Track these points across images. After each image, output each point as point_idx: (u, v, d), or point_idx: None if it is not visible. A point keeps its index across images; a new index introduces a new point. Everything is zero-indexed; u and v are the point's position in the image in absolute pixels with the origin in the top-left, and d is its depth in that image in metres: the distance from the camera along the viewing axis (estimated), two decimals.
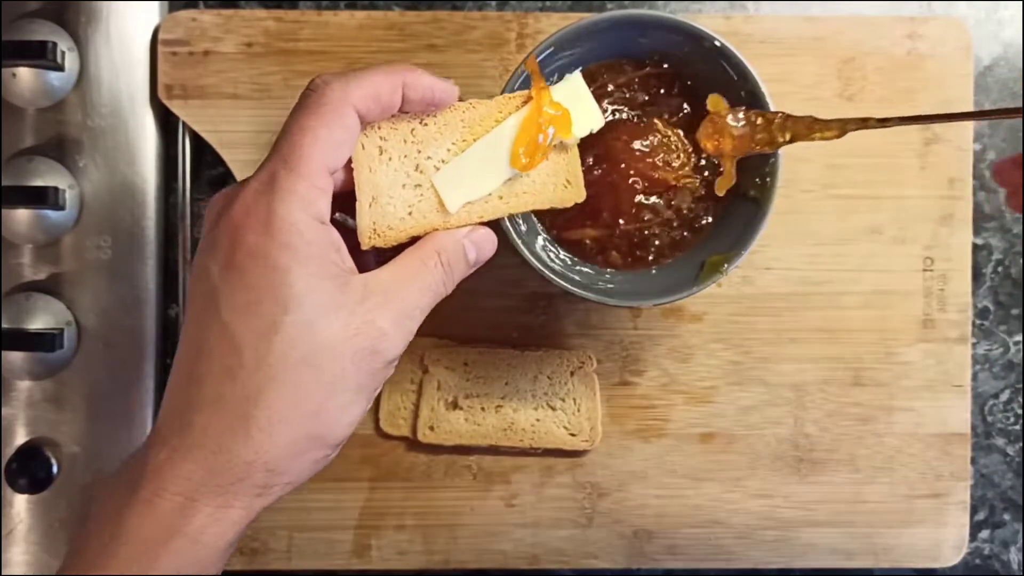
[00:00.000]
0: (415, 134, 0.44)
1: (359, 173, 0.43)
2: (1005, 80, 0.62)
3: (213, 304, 0.38)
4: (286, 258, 0.38)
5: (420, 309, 0.42)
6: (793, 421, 0.60)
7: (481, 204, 0.44)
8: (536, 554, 0.59)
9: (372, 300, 0.40)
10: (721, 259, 0.50)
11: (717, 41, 0.49)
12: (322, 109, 0.40)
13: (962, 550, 0.60)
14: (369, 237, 0.43)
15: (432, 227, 0.44)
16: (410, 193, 0.44)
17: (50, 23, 0.58)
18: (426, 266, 0.42)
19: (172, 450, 0.38)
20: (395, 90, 0.41)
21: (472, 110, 0.45)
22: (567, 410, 0.58)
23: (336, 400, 0.39)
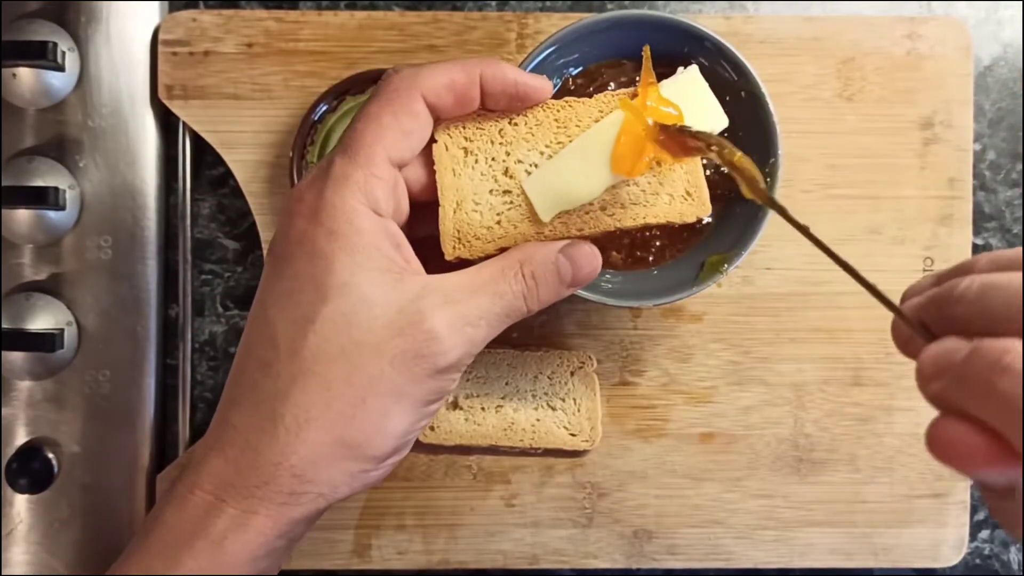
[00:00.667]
0: (503, 135, 0.40)
1: (442, 176, 0.40)
2: (1005, 80, 0.62)
3: (261, 293, 0.37)
4: (332, 246, 0.35)
5: (487, 320, 0.37)
6: (793, 421, 0.60)
7: (580, 215, 0.40)
8: (536, 554, 0.59)
9: (428, 300, 0.36)
10: (721, 259, 0.50)
11: (718, 41, 0.49)
12: (388, 96, 0.38)
13: (962, 550, 0.60)
14: (453, 246, 0.40)
15: (524, 238, 0.40)
16: (498, 200, 0.40)
17: (50, 23, 0.58)
18: (505, 274, 0.38)
19: (209, 446, 0.36)
20: (472, 82, 0.38)
21: (568, 108, 0.41)
22: (567, 410, 0.58)
23: (372, 405, 0.35)
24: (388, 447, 0.36)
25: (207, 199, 0.61)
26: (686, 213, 0.41)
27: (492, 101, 0.40)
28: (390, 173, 0.37)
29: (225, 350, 0.61)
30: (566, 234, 0.40)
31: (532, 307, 0.39)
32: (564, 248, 0.40)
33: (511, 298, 0.38)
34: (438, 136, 0.40)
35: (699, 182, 0.41)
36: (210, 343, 0.61)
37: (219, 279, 0.61)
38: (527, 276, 0.38)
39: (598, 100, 0.41)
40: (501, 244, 0.40)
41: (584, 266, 0.40)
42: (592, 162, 0.40)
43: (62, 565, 0.58)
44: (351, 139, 0.37)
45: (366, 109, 0.38)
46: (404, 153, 0.38)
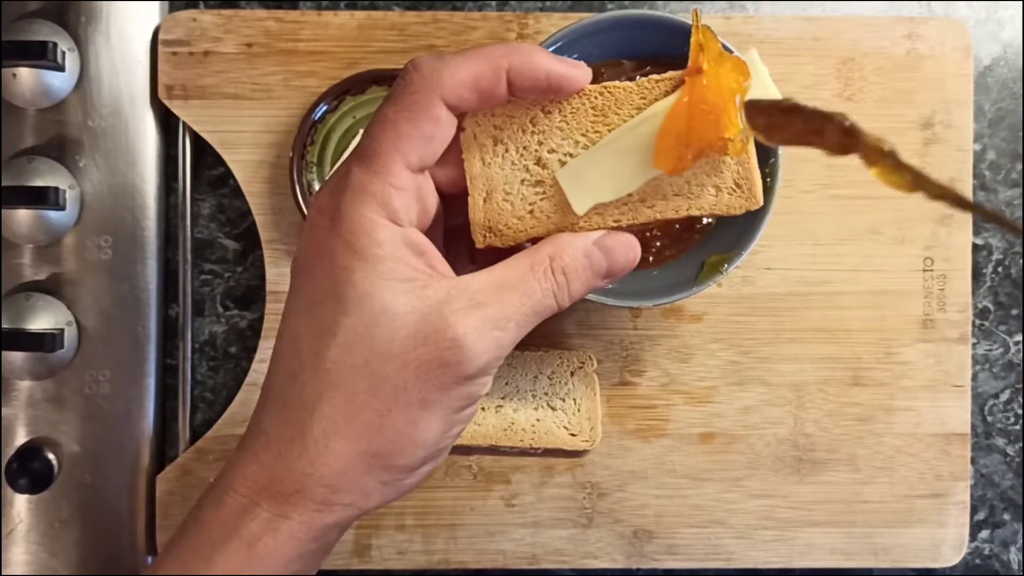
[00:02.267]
0: (535, 123, 0.38)
1: (470, 165, 0.39)
2: (1005, 80, 0.62)
3: (287, 304, 0.37)
4: (351, 258, 0.35)
5: (516, 321, 0.36)
6: (793, 421, 0.60)
7: (617, 207, 0.38)
8: (536, 554, 0.59)
9: (452, 305, 0.35)
10: (721, 259, 0.50)
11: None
12: (406, 99, 0.36)
13: (962, 550, 0.60)
14: (484, 235, 0.39)
15: (557, 229, 0.38)
16: (530, 190, 0.39)
17: (50, 23, 0.58)
18: (534, 271, 0.37)
19: (244, 450, 0.37)
20: (497, 77, 0.36)
21: (607, 95, 0.38)
22: (567, 410, 0.58)
23: (399, 416, 0.35)
24: (418, 456, 0.36)
25: (207, 199, 0.61)
26: (734, 206, 0.39)
27: (522, 94, 0.37)
28: (410, 180, 0.36)
29: (225, 350, 0.61)
30: (602, 225, 0.38)
31: (563, 303, 0.38)
32: (599, 239, 0.38)
33: (540, 296, 0.37)
34: (467, 125, 0.39)
35: (751, 173, 0.38)
36: (210, 343, 0.61)
37: (219, 279, 0.61)
38: (557, 272, 0.37)
39: (640, 86, 0.38)
40: (533, 234, 0.39)
41: (620, 257, 0.39)
42: (632, 156, 0.37)
43: (62, 565, 0.58)
44: (368, 146, 0.36)
45: (383, 111, 0.36)
46: (426, 159, 0.37)
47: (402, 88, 0.36)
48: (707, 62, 0.37)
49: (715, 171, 0.38)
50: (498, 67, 0.36)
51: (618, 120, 0.38)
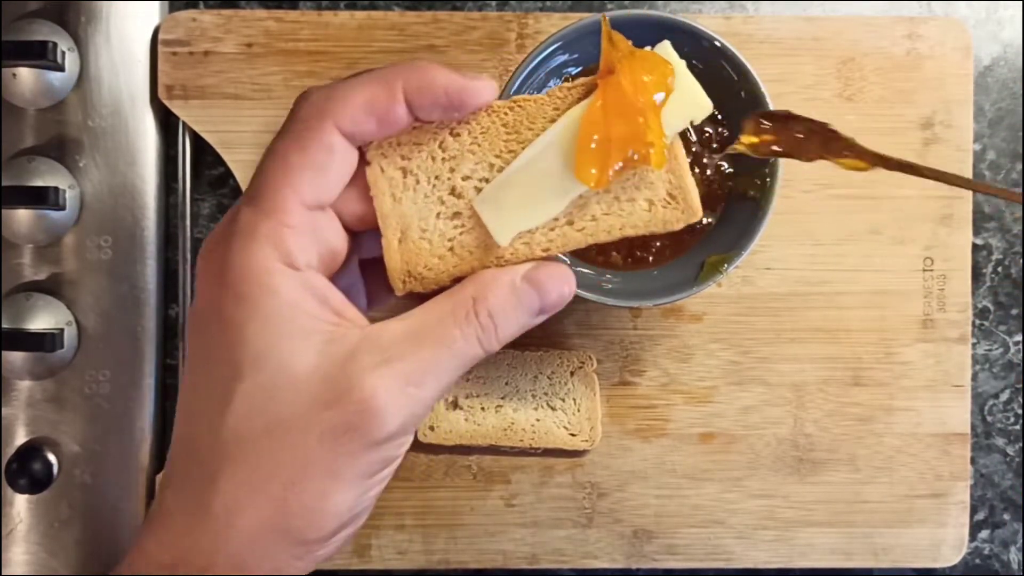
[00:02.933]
0: (445, 148, 0.35)
1: (380, 203, 0.35)
2: (1005, 80, 0.62)
3: (185, 368, 0.34)
4: (242, 313, 0.31)
5: (437, 375, 0.33)
6: (793, 421, 0.60)
7: (544, 234, 0.35)
8: (536, 554, 0.59)
9: (360, 361, 0.31)
10: (721, 259, 0.50)
11: (717, 41, 0.49)
12: (296, 128, 0.33)
13: (962, 550, 0.60)
14: (403, 281, 0.35)
15: (482, 265, 0.35)
16: (448, 224, 0.35)
17: (50, 23, 0.58)
18: (454, 316, 0.33)
19: (147, 528, 0.33)
20: (394, 98, 0.33)
21: (517, 110, 0.35)
22: (567, 410, 0.58)
23: (305, 488, 0.31)
24: (330, 528, 0.32)
25: (207, 199, 0.61)
26: (671, 220, 0.35)
27: (423, 114, 0.34)
28: (306, 219, 0.33)
29: None
30: (530, 256, 0.35)
31: (492, 348, 0.34)
32: (528, 273, 0.34)
33: (462, 344, 0.33)
34: (371, 158, 0.35)
35: (684, 183, 0.35)
36: None
37: None
38: (482, 314, 0.33)
39: (552, 96, 0.35)
40: (457, 274, 0.35)
41: (552, 290, 0.35)
42: (551, 173, 0.34)
43: (62, 565, 0.58)
44: (256, 183, 0.33)
45: (271, 146, 0.33)
46: (322, 193, 0.33)
47: (290, 119, 0.34)
48: (618, 60, 0.34)
49: (645, 184, 0.35)
50: (392, 87, 0.33)
51: (532, 136, 0.35)
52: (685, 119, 0.35)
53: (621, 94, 0.33)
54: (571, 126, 0.34)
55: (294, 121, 0.33)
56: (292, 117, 0.34)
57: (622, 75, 0.34)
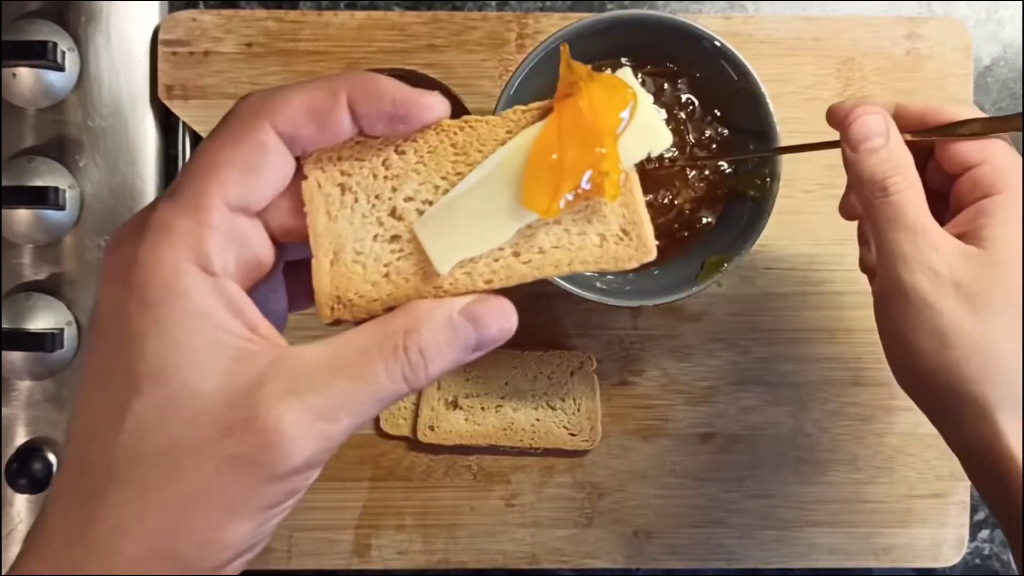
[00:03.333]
0: (388, 166, 0.33)
1: (314, 220, 0.33)
2: (1005, 80, 0.62)
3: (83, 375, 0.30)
4: (145, 319, 0.28)
5: (352, 411, 0.30)
6: (793, 421, 0.60)
7: (488, 265, 0.32)
8: (536, 554, 0.59)
9: (268, 387, 0.29)
10: (721, 259, 0.50)
11: (717, 41, 0.49)
12: (230, 125, 0.31)
13: (962, 550, 0.60)
14: (332, 308, 0.33)
15: (418, 294, 0.32)
16: (385, 248, 0.33)
17: (50, 23, 0.58)
18: (381, 349, 0.30)
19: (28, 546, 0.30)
20: (336, 103, 0.31)
21: (468, 131, 0.33)
22: (567, 410, 0.58)
23: (198, 517, 0.29)
24: (223, 558, 0.30)
25: None
26: (623, 257, 0.32)
27: (368, 124, 0.32)
28: (228, 221, 0.30)
29: None
30: (471, 288, 0.32)
31: (418, 386, 0.31)
32: (466, 307, 0.31)
33: (385, 381, 0.30)
34: (308, 171, 0.33)
35: (638, 217, 0.32)
36: None
37: None
38: (411, 350, 0.30)
39: (505, 118, 0.33)
40: (390, 303, 0.32)
41: (492, 326, 0.32)
42: (498, 197, 0.32)
43: None
44: (179, 178, 0.30)
45: (203, 144, 0.31)
46: (250, 195, 0.31)
47: (226, 117, 0.32)
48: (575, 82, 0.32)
49: (598, 216, 0.32)
50: (335, 91, 0.31)
51: (482, 158, 0.33)
52: (643, 150, 0.33)
53: (578, 118, 0.32)
54: (522, 149, 0.32)
55: (229, 119, 0.31)
56: (228, 115, 0.32)
57: (581, 98, 0.32)
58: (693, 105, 0.52)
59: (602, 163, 0.31)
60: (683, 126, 0.52)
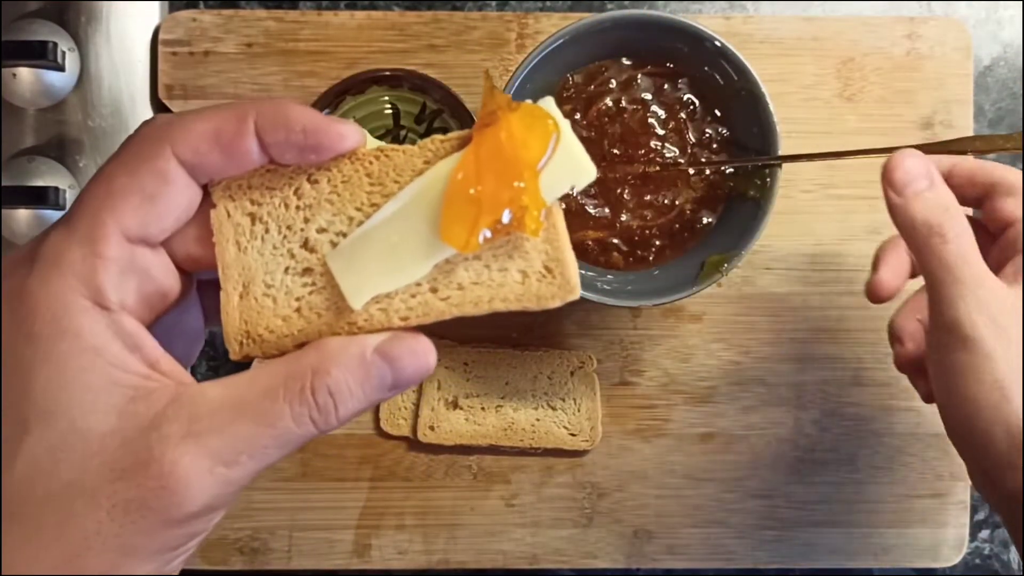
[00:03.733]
0: (301, 195, 0.32)
1: (222, 251, 0.31)
2: (1005, 80, 0.62)
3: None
4: (33, 356, 0.27)
5: (254, 456, 0.28)
6: (793, 421, 0.60)
7: (404, 300, 0.31)
8: (536, 554, 0.59)
9: (165, 429, 0.27)
10: (721, 259, 0.50)
11: (717, 41, 0.49)
12: (128, 150, 0.29)
13: (962, 550, 0.60)
14: (240, 343, 0.32)
15: (331, 330, 0.31)
16: (297, 282, 0.31)
17: (50, 23, 0.58)
18: (287, 390, 0.29)
19: None
20: (243, 130, 0.30)
21: (384, 160, 0.32)
22: (567, 410, 0.58)
23: (93, 561, 0.27)
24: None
25: None
26: (545, 296, 0.31)
27: (277, 153, 0.30)
28: (125, 252, 0.29)
29: (225, 351, 0.61)
30: (386, 324, 0.31)
31: (327, 428, 0.29)
32: (381, 345, 0.30)
33: (291, 424, 0.29)
34: (217, 199, 0.32)
35: (562, 255, 0.31)
36: (210, 343, 0.61)
37: None
38: (319, 391, 0.29)
39: (423, 148, 0.32)
40: (301, 339, 0.31)
41: (408, 366, 0.30)
42: (415, 230, 0.30)
43: None
44: (74, 205, 0.29)
45: (101, 168, 0.30)
46: (149, 226, 0.29)
47: (127, 141, 0.30)
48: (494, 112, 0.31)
49: (519, 252, 0.31)
50: (243, 116, 0.30)
51: (398, 189, 0.32)
52: (566, 184, 0.31)
53: (497, 149, 0.30)
54: (440, 180, 0.31)
55: (129, 144, 0.30)
56: (128, 140, 0.30)
57: (500, 128, 0.30)
58: (693, 105, 0.52)
59: (522, 197, 0.30)
60: (683, 126, 0.52)
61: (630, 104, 0.52)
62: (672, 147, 0.52)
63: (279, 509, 0.59)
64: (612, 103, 0.52)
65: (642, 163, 0.50)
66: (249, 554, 0.59)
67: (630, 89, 0.52)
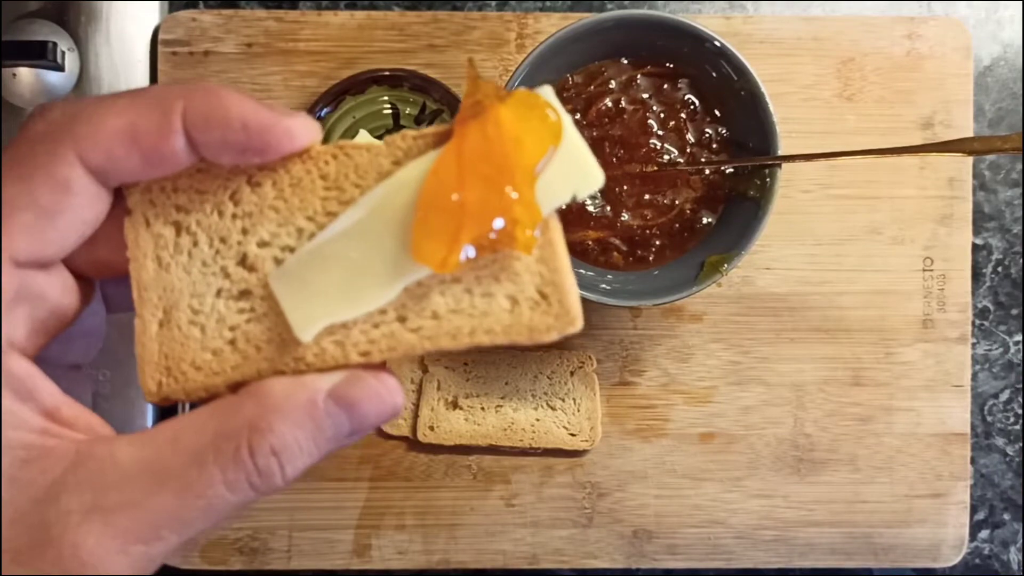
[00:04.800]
0: (238, 201, 0.26)
1: (139, 268, 0.26)
2: (1005, 80, 0.62)
3: None
4: None
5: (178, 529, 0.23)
6: (793, 421, 0.60)
7: (365, 332, 0.25)
8: (536, 554, 0.59)
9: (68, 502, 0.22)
10: (721, 259, 0.50)
11: (717, 42, 0.49)
12: (21, 152, 0.24)
13: (962, 550, 0.60)
14: (158, 383, 0.26)
15: (272, 368, 0.25)
16: (232, 306, 0.26)
17: (50, 23, 0.58)
18: (218, 454, 0.23)
19: None
20: (167, 127, 0.24)
21: (343, 159, 0.26)
22: (567, 410, 0.58)
23: None
24: None
25: None
26: (539, 327, 0.26)
27: (211, 154, 0.25)
28: (12, 280, 0.24)
29: None
30: (341, 361, 0.25)
31: (271, 492, 0.24)
32: (337, 388, 0.24)
33: (222, 492, 0.23)
34: (133, 204, 0.26)
35: (560, 278, 0.26)
36: None
37: None
38: (259, 454, 0.23)
39: (391, 144, 0.26)
40: (236, 378, 0.25)
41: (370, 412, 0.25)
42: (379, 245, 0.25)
43: None
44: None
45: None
46: (45, 247, 0.24)
47: (18, 141, 0.24)
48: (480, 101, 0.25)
49: (508, 274, 0.25)
50: (168, 109, 0.24)
51: (359, 195, 0.26)
52: (567, 191, 0.25)
53: (484, 145, 0.24)
54: (411, 185, 0.25)
55: (20, 145, 0.24)
56: (19, 138, 0.24)
57: (487, 121, 0.24)
58: (693, 105, 0.52)
59: (513, 208, 0.24)
60: (683, 126, 0.52)
61: (630, 104, 0.52)
62: (672, 147, 0.52)
63: (279, 509, 0.59)
64: (612, 103, 0.52)
65: (642, 163, 0.50)
66: (249, 554, 0.59)
67: (630, 89, 0.52)
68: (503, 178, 0.24)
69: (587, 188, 0.25)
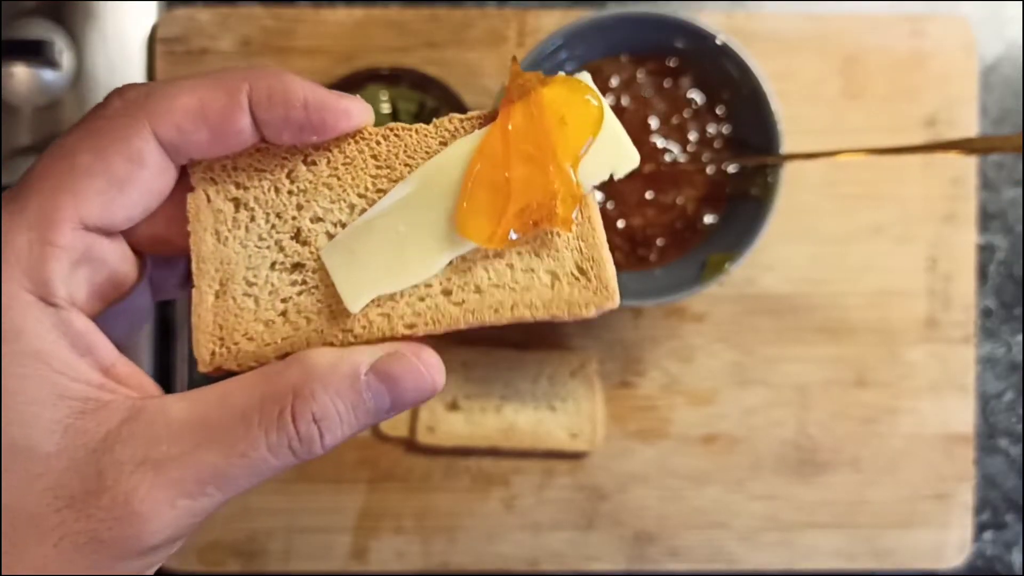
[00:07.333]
0: (294, 179, 0.28)
1: (199, 241, 0.27)
2: (1008, 78, 0.61)
3: None
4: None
5: (223, 487, 0.25)
6: (796, 422, 0.59)
7: (411, 304, 0.27)
8: (536, 557, 0.59)
9: (121, 453, 0.24)
10: (723, 258, 0.50)
11: (720, 39, 0.49)
12: (96, 125, 0.25)
13: (965, 551, 0.60)
14: (213, 352, 0.27)
15: (321, 339, 0.27)
16: (285, 279, 0.27)
17: (47, 21, 0.58)
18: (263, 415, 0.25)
19: None
20: (234, 105, 0.26)
21: (393, 140, 0.28)
22: (568, 411, 0.58)
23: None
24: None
25: None
26: (578, 302, 0.27)
27: (272, 132, 0.27)
28: (81, 242, 0.25)
29: None
30: (388, 333, 0.27)
31: (310, 458, 0.26)
32: (379, 364, 0.26)
33: (265, 454, 0.25)
34: (196, 182, 0.28)
35: (598, 253, 0.27)
36: None
37: None
38: (301, 419, 0.25)
39: (439, 126, 0.28)
40: (286, 349, 0.27)
41: (410, 389, 0.26)
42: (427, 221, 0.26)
43: None
44: (26, 181, 0.25)
45: (60, 140, 0.26)
46: (114, 215, 0.25)
47: (93, 112, 0.26)
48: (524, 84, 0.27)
49: (548, 250, 0.27)
50: (234, 90, 0.26)
51: (408, 173, 0.27)
52: (605, 170, 0.27)
53: (529, 125, 0.26)
54: (458, 163, 0.26)
55: (97, 116, 0.25)
56: (97, 110, 0.26)
57: (532, 101, 0.26)
58: (695, 103, 0.52)
59: (554, 183, 0.26)
60: (685, 124, 0.51)
61: (631, 102, 0.51)
62: (673, 146, 0.51)
63: (276, 511, 0.58)
64: (613, 101, 0.51)
65: (643, 162, 0.50)
66: (247, 556, 0.58)
67: (631, 87, 0.51)
68: (546, 157, 0.26)
69: (624, 167, 0.27)
